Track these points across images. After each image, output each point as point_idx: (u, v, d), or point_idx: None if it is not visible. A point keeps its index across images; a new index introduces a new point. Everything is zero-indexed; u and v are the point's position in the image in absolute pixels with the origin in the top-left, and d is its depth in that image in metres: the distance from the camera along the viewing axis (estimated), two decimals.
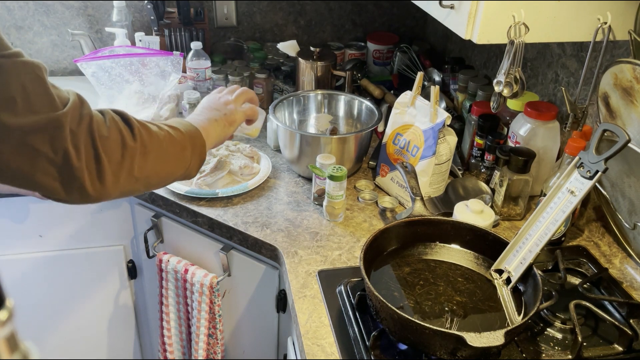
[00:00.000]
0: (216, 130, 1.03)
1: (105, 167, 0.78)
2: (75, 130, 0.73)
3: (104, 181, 0.78)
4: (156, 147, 0.86)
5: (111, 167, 0.78)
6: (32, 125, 0.69)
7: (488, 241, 1.01)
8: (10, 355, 0.32)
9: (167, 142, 0.89)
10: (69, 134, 0.72)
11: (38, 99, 0.70)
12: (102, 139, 0.77)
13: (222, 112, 1.07)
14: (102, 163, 0.77)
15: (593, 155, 0.89)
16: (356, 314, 0.97)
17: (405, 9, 2.00)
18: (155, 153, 0.86)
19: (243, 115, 1.11)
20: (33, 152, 0.70)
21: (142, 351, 1.71)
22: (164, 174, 0.90)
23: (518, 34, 0.94)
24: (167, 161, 0.89)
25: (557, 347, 0.93)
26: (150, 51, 1.61)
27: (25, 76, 0.69)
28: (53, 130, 0.71)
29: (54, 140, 0.71)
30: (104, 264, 1.52)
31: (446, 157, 1.26)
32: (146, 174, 0.85)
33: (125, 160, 0.80)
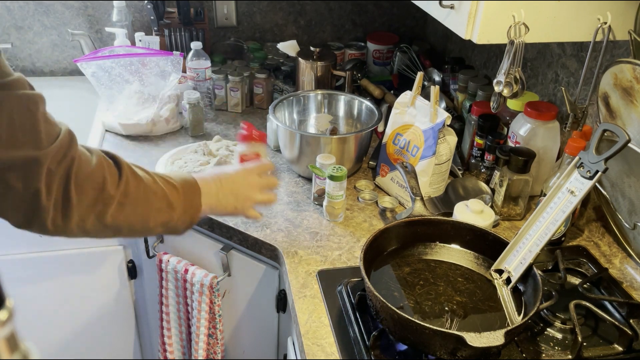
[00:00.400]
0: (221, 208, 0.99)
1: (73, 208, 0.76)
2: (53, 169, 0.72)
3: (67, 221, 0.76)
4: (138, 199, 0.83)
5: (79, 209, 0.76)
6: (10, 161, 0.68)
7: (488, 241, 1.01)
8: (10, 355, 0.32)
9: (153, 195, 0.86)
10: (45, 174, 0.71)
11: (23, 135, 0.68)
12: (78, 180, 0.75)
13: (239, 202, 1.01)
14: (71, 204, 0.75)
15: (593, 155, 0.89)
16: (356, 314, 0.97)
17: (405, 9, 2.00)
18: (134, 205, 0.83)
19: (254, 211, 1.05)
20: (5, 186, 0.69)
21: (142, 351, 1.71)
22: (139, 227, 0.86)
23: (518, 34, 0.94)
24: (146, 215, 0.86)
25: (557, 347, 0.93)
26: (150, 51, 1.61)
27: (16, 110, 0.67)
28: (30, 168, 0.70)
29: (28, 178, 0.70)
30: (104, 264, 1.52)
31: (446, 157, 1.26)
32: (118, 223, 0.82)
33: (97, 205, 0.78)
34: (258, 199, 1.04)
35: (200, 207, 0.94)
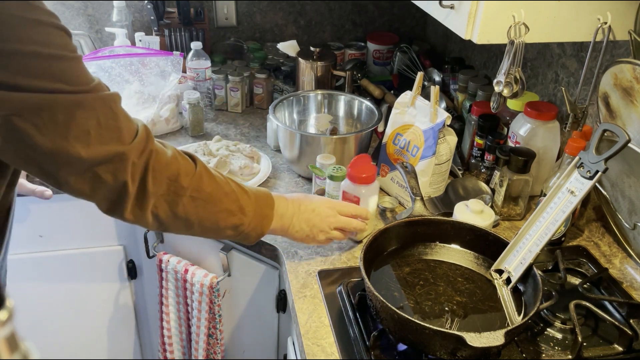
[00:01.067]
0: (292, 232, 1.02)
1: (149, 197, 0.82)
2: (136, 162, 0.79)
3: (144, 209, 0.82)
4: (210, 195, 0.88)
5: (154, 198, 0.82)
6: (101, 157, 0.75)
7: (488, 241, 1.01)
8: (10, 355, 0.32)
9: (225, 196, 0.91)
10: (131, 166, 0.78)
11: (109, 133, 0.75)
12: (155, 171, 0.81)
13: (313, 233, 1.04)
14: (147, 193, 0.81)
15: (593, 155, 0.89)
16: (356, 314, 0.97)
17: (405, 9, 2.00)
18: (206, 201, 0.88)
19: (326, 241, 1.08)
20: (97, 180, 0.77)
21: (142, 351, 1.71)
22: (209, 224, 0.91)
23: (518, 34, 0.94)
24: (217, 214, 0.90)
25: (557, 347, 0.93)
26: (150, 51, 1.61)
27: (101, 110, 0.74)
28: (118, 162, 0.76)
29: (117, 171, 0.77)
30: (104, 264, 1.52)
31: (446, 157, 1.26)
32: (189, 216, 0.87)
33: (170, 195, 0.84)
34: (332, 235, 1.06)
35: (271, 218, 0.97)
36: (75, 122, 0.71)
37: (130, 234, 1.49)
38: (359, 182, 1.11)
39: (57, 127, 0.70)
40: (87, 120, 0.72)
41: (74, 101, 0.71)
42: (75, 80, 0.71)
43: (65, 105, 0.70)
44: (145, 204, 0.82)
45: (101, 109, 0.74)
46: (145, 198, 0.81)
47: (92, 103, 0.73)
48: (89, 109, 0.72)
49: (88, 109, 0.72)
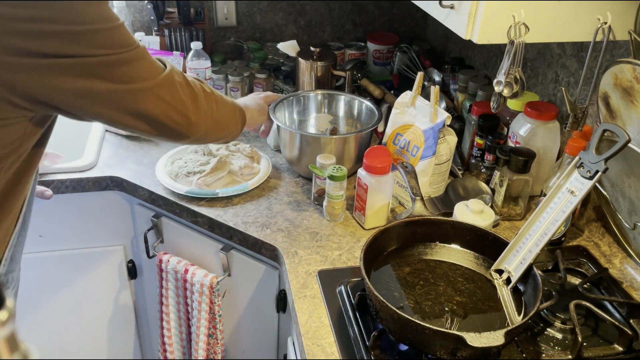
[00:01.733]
0: (253, 113, 1.32)
1: (199, 104, 1.05)
2: (179, 81, 1.00)
3: (198, 116, 1.05)
4: (220, 100, 1.14)
5: (201, 105, 1.06)
6: (158, 84, 0.95)
7: (488, 241, 1.01)
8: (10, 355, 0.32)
9: (225, 101, 1.17)
10: (178, 85, 0.99)
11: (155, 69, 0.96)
12: (193, 86, 1.04)
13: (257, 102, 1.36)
14: (197, 101, 1.04)
15: (593, 155, 0.89)
16: (356, 314, 0.97)
17: (405, 9, 2.00)
18: (220, 104, 1.13)
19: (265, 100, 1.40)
20: (162, 101, 0.97)
21: (142, 351, 1.71)
22: (225, 123, 1.16)
23: (518, 34, 0.94)
24: (226, 114, 1.16)
25: (557, 347, 0.93)
26: (150, 51, 1.60)
27: (146, 58, 0.94)
28: (170, 84, 0.98)
29: (172, 91, 0.98)
30: (104, 264, 1.52)
31: (446, 157, 1.26)
32: (217, 117, 1.11)
33: (206, 101, 1.08)
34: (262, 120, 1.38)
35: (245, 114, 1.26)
36: (135, 69, 0.91)
37: (130, 234, 1.49)
38: (369, 171, 1.15)
39: (125, 76, 0.90)
40: (143, 66, 0.93)
41: (131, 57, 0.90)
42: (127, 42, 0.89)
43: (126, 61, 0.89)
44: (199, 109, 1.05)
45: (146, 57, 0.94)
46: (198, 104, 1.04)
47: (142, 53, 0.93)
48: (141, 58, 0.92)
49: (140, 58, 0.92)
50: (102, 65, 0.86)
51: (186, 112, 1.02)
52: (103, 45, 0.85)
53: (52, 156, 1.37)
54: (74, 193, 1.37)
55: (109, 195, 1.42)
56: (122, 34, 0.88)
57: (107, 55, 0.86)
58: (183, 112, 1.01)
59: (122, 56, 0.88)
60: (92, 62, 0.85)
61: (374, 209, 1.18)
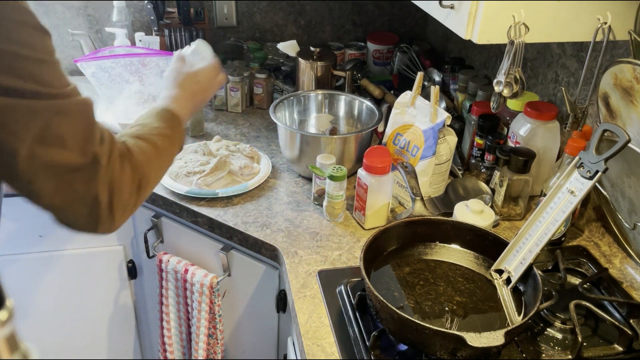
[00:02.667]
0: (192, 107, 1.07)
1: (116, 206, 0.79)
2: (106, 167, 0.76)
3: (113, 216, 0.80)
4: (155, 173, 0.89)
5: (122, 204, 0.80)
6: (76, 164, 0.73)
7: (488, 241, 1.01)
8: (10, 355, 0.32)
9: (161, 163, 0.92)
10: (102, 172, 0.76)
11: (83, 138, 0.73)
12: (120, 175, 0.79)
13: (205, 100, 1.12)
14: (113, 202, 0.79)
15: (593, 155, 0.89)
16: (356, 314, 0.97)
17: (405, 9, 2.00)
18: (155, 179, 0.90)
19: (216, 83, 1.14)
20: (70, 189, 0.74)
21: (142, 351, 1.71)
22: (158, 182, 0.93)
23: (518, 34, 0.94)
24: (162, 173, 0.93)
25: (557, 347, 0.93)
26: (150, 51, 1.60)
27: (76, 116, 0.73)
28: (92, 168, 0.74)
29: (90, 180, 0.75)
30: (104, 264, 1.52)
31: (446, 157, 1.26)
32: (147, 196, 0.88)
33: (132, 196, 0.83)
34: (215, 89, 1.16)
35: (184, 133, 1.01)
36: (51, 127, 0.70)
37: (130, 234, 1.49)
38: (369, 171, 1.15)
39: (33, 132, 0.68)
40: (63, 126, 0.71)
41: (51, 106, 0.70)
42: (53, 83, 0.70)
43: (42, 110, 0.69)
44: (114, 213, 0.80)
45: (76, 115, 0.73)
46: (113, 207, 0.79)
47: (69, 108, 0.72)
48: (65, 114, 0.71)
49: (64, 114, 0.71)
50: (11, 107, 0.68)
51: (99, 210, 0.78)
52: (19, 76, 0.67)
53: None
54: None
55: None
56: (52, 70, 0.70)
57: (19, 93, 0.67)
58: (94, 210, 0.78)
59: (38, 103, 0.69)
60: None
61: (374, 209, 1.18)
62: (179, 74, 1.09)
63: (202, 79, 1.10)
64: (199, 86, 1.09)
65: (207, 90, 1.11)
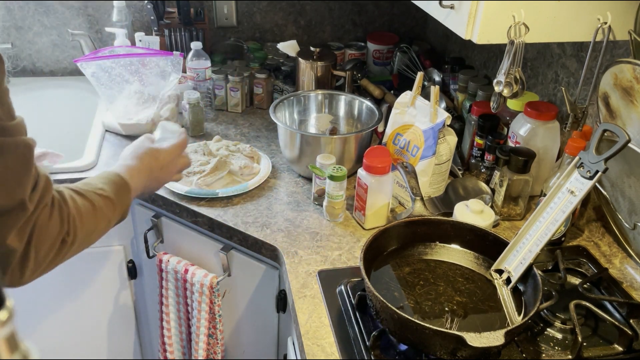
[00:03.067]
0: (142, 196, 1.08)
1: (30, 260, 0.75)
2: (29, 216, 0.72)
3: (24, 271, 0.76)
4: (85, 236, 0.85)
5: (37, 261, 0.76)
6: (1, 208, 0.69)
7: (488, 241, 1.01)
8: (10, 355, 0.32)
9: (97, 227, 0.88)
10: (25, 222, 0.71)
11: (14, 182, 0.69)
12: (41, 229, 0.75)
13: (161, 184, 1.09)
14: (29, 256, 0.74)
15: (593, 155, 0.89)
16: (356, 314, 0.97)
17: (405, 9, 2.00)
18: (81, 242, 0.85)
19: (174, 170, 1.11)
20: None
21: (142, 351, 1.71)
22: (86, 246, 0.89)
23: (518, 34, 0.94)
24: (91, 242, 0.89)
25: (557, 347, 0.93)
26: (150, 51, 1.61)
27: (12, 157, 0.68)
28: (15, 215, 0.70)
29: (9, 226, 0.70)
30: (104, 264, 1.52)
31: (446, 157, 1.26)
32: (66, 259, 0.85)
33: (51, 254, 0.79)
34: (174, 179, 1.14)
35: (129, 204, 0.98)
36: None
37: (130, 234, 1.49)
38: (369, 171, 1.15)
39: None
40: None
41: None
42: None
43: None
44: (27, 267, 0.75)
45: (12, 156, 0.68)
46: (27, 261, 0.75)
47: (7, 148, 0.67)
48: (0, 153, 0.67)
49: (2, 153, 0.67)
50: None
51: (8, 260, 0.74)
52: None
53: (52, 156, 1.37)
54: None
55: None
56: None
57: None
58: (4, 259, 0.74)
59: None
60: None
61: (374, 209, 1.18)
62: (139, 147, 1.05)
63: (162, 157, 1.06)
64: (157, 163, 1.05)
65: (164, 168, 1.07)
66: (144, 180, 1.02)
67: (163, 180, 1.10)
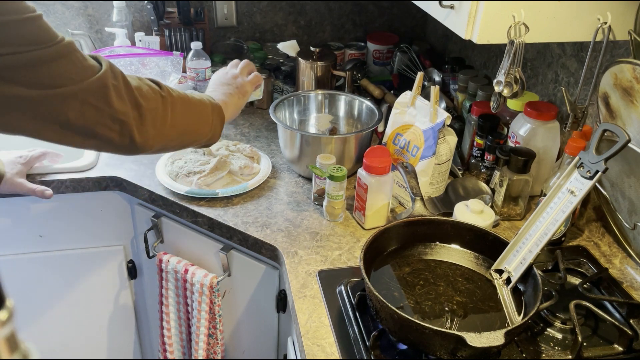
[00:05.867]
0: (233, 102, 1.19)
1: (145, 111, 0.91)
2: (115, 84, 0.87)
3: (145, 126, 0.92)
4: (183, 102, 1.01)
5: (150, 112, 0.92)
6: (86, 88, 0.83)
7: (488, 241, 1.01)
8: (10, 355, 0.32)
9: (192, 101, 1.04)
10: (113, 89, 0.86)
11: (83, 70, 0.84)
12: (137, 89, 0.91)
13: (234, 86, 1.23)
14: (142, 108, 0.91)
15: (593, 155, 0.89)
16: (356, 314, 0.97)
17: (405, 9, 2.00)
18: (183, 107, 1.00)
19: (251, 85, 1.27)
20: (92, 109, 0.84)
21: (142, 351, 1.71)
22: (192, 128, 1.04)
23: (518, 34, 0.94)
24: (194, 116, 1.03)
25: (557, 347, 0.93)
26: (150, 51, 1.61)
27: (72, 55, 0.83)
28: (101, 88, 0.85)
29: (105, 96, 0.85)
30: (104, 264, 1.52)
31: (446, 157, 1.26)
32: (178, 123, 0.99)
33: (159, 107, 0.94)
34: (249, 79, 1.29)
35: (224, 113, 1.13)
36: (56, 71, 0.80)
37: (130, 234, 1.49)
38: (369, 171, 1.15)
39: (42, 79, 0.78)
40: (65, 66, 0.81)
41: (48, 55, 0.78)
42: (43, 37, 0.78)
43: (42, 60, 0.78)
44: (144, 120, 0.91)
45: (70, 55, 0.82)
46: (143, 113, 0.91)
47: (64, 50, 0.81)
48: (62, 56, 0.80)
49: (62, 56, 0.80)
50: (12, 66, 0.75)
51: (126, 120, 0.88)
52: (10, 42, 0.74)
53: (52, 156, 1.37)
54: (74, 193, 1.37)
55: (109, 195, 1.42)
56: (38, 26, 0.77)
57: (16, 53, 0.75)
58: (122, 121, 0.87)
59: (36, 54, 0.76)
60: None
61: (374, 209, 1.18)
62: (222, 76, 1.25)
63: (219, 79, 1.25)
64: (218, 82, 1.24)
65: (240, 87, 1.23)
66: (222, 90, 1.20)
67: (239, 84, 1.24)
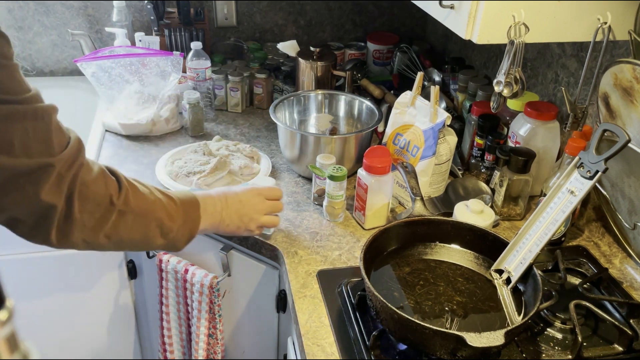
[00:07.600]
0: (222, 228, 1.04)
1: (75, 217, 0.78)
2: (63, 174, 0.76)
3: (70, 231, 0.79)
4: (138, 208, 0.86)
5: (81, 218, 0.79)
6: (24, 168, 0.72)
7: (488, 241, 1.01)
8: (10, 355, 0.32)
9: (152, 205, 0.89)
10: (56, 178, 0.75)
11: (36, 145, 0.73)
12: (82, 188, 0.78)
13: (243, 222, 1.06)
14: (74, 212, 0.78)
15: (593, 155, 0.89)
16: (356, 314, 0.97)
17: (405, 9, 2.00)
18: (134, 217, 0.86)
19: (259, 229, 1.11)
20: (20, 191, 0.73)
21: (142, 351, 1.71)
22: (138, 239, 0.89)
23: (518, 34, 0.94)
24: (146, 227, 0.89)
25: (557, 347, 0.93)
26: (150, 51, 1.61)
27: (31, 123, 0.72)
28: (42, 174, 0.74)
29: (41, 182, 0.74)
30: (104, 264, 1.52)
31: (446, 157, 1.26)
32: (119, 235, 0.85)
33: (99, 212, 0.81)
34: (262, 221, 1.09)
35: (199, 220, 0.98)
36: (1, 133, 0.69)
37: None
38: (369, 171, 1.14)
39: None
40: (13, 132, 0.70)
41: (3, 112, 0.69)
42: (7, 89, 0.69)
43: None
44: (72, 225, 0.79)
45: (31, 122, 0.72)
46: (72, 217, 0.78)
47: (22, 114, 0.71)
48: (16, 120, 0.70)
49: (15, 120, 0.70)
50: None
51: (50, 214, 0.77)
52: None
53: None
54: None
55: None
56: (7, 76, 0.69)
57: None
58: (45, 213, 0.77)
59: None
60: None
61: (374, 209, 1.18)
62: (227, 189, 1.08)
63: (242, 192, 1.07)
64: (236, 195, 1.06)
65: (244, 202, 1.05)
66: (219, 206, 1.02)
67: (246, 215, 1.05)
